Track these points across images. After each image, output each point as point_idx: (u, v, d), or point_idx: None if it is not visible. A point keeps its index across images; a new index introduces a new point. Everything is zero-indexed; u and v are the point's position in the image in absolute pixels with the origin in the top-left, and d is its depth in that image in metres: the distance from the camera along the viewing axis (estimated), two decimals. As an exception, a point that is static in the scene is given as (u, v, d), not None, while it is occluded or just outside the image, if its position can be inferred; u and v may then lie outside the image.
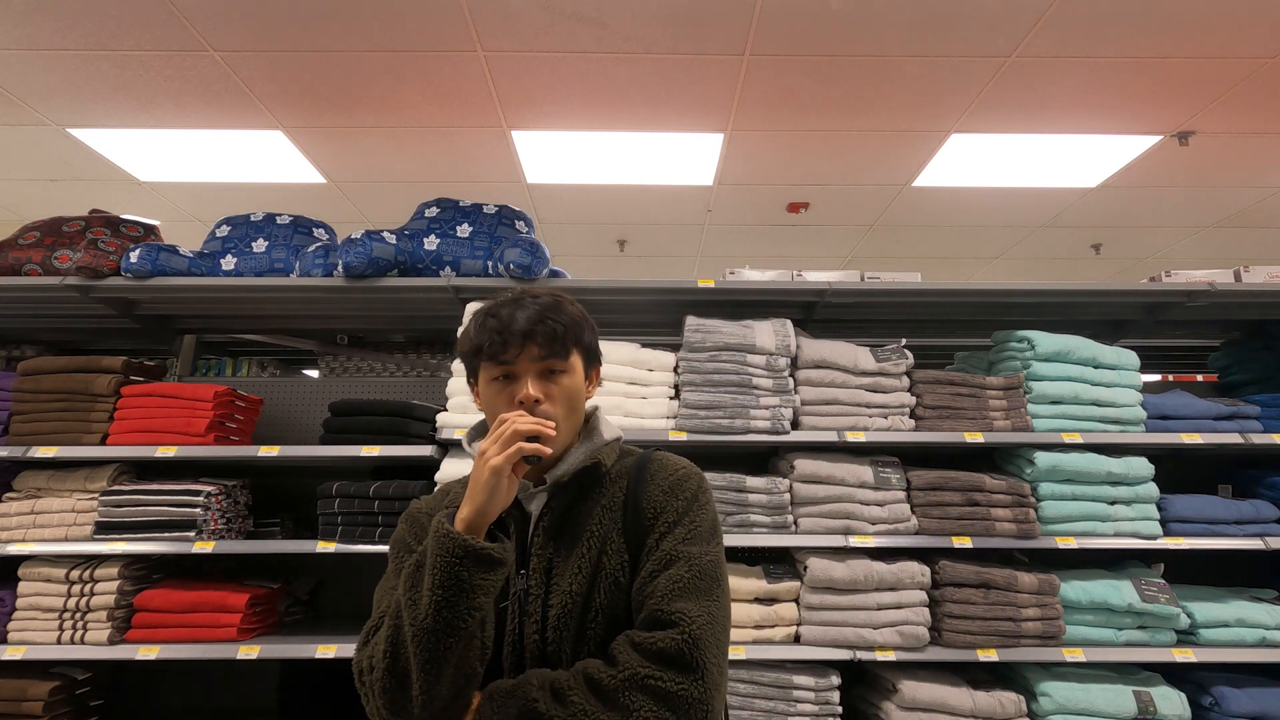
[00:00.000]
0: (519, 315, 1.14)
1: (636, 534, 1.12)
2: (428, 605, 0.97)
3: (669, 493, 1.15)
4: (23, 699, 2.27)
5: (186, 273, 2.64)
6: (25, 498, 2.49)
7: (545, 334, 1.14)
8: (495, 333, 1.14)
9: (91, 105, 4.18)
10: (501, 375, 1.15)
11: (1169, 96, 4.04)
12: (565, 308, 1.19)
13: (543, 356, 1.14)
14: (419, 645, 0.97)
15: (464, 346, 1.20)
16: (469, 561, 0.97)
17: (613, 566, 1.10)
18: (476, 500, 1.01)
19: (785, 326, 2.59)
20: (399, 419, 2.50)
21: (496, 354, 1.13)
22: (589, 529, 1.14)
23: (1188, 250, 6.37)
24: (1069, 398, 2.55)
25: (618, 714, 0.97)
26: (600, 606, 1.08)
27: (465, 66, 3.80)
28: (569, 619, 1.08)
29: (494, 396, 1.15)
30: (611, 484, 1.18)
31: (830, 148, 4.65)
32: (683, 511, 1.13)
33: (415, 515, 1.22)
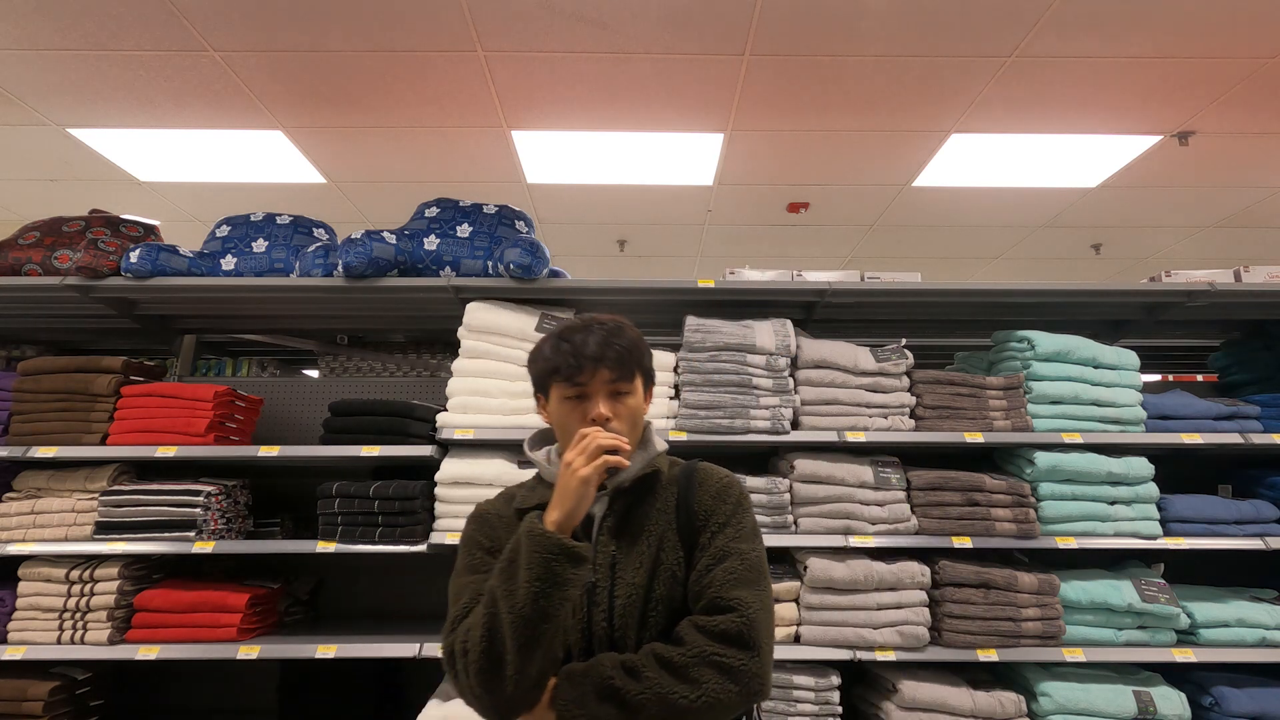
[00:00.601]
0: (591, 340, 1.28)
1: (689, 534, 1.27)
2: (525, 595, 1.10)
3: (717, 497, 1.30)
4: (23, 699, 2.27)
5: (186, 273, 2.64)
6: (25, 498, 2.49)
7: (614, 358, 1.27)
8: (570, 356, 1.26)
9: (91, 105, 4.18)
10: (575, 395, 1.28)
11: (1169, 96, 4.04)
12: (628, 333, 1.33)
13: (612, 379, 1.28)
14: (515, 630, 1.10)
15: (538, 367, 1.33)
16: (562, 558, 1.11)
17: (670, 562, 1.25)
18: (566, 505, 1.16)
19: (785, 326, 2.59)
20: (399, 419, 2.50)
21: (571, 376, 1.27)
22: (647, 529, 1.28)
23: (1188, 250, 6.37)
24: (1069, 398, 2.55)
25: (688, 686, 1.11)
26: (660, 597, 1.23)
27: (465, 66, 3.80)
28: (633, 608, 1.22)
29: (567, 414, 1.28)
30: (664, 489, 1.33)
31: (830, 148, 4.65)
32: (730, 514, 1.28)
33: (485, 515, 1.35)
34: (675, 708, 1.10)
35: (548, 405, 1.34)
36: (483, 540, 1.30)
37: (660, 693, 1.11)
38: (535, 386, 1.36)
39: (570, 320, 1.36)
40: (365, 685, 2.64)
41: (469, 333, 2.54)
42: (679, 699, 1.10)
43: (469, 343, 2.54)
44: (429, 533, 2.39)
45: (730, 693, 1.12)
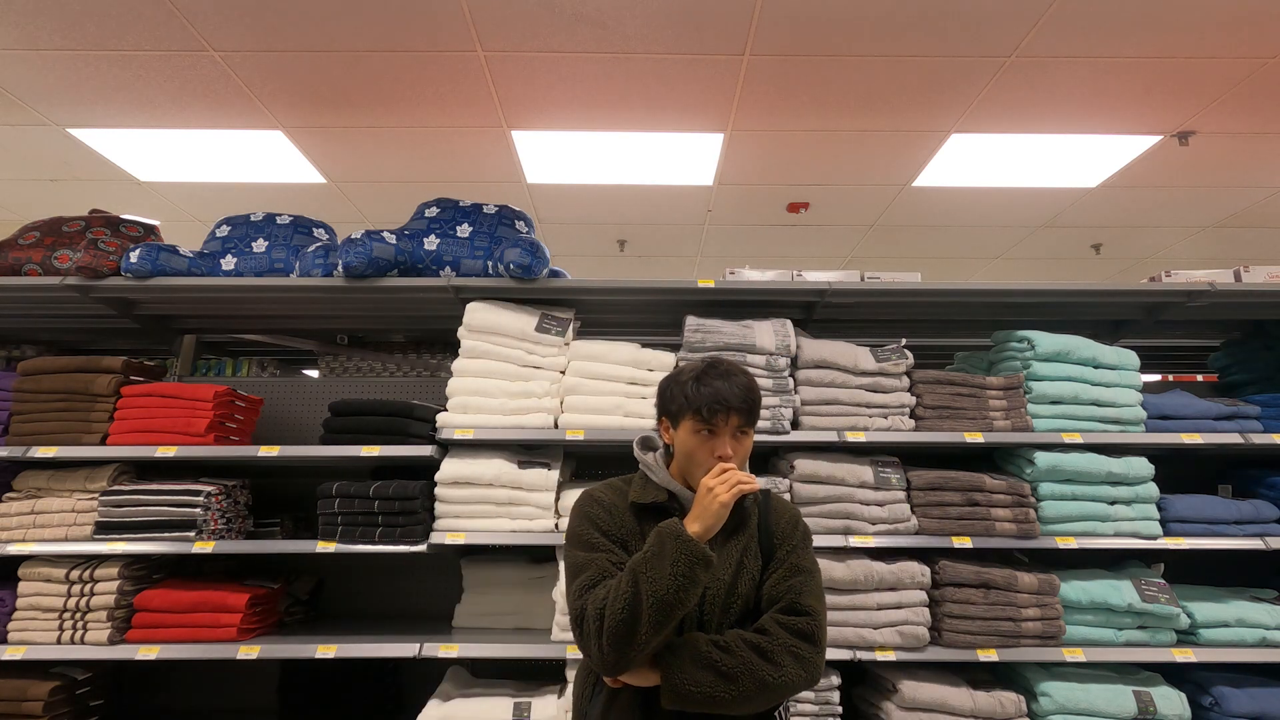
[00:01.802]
0: (732, 391, 1.52)
1: (768, 549, 1.56)
2: (669, 585, 1.36)
3: (790, 525, 1.61)
4: (23, 699, 2.27)
5: (186, 273, 2.64)
6: (25, 498, 2.49)
7: (747, 409, 1.54)
8: (713, 401, 1.51)
9: (91, 105, 4.18)
10: (706, 430, 1.52)
11: (1169, 96, 4.04)
12: (755, 386, 1.58)
13: (741, 425, 1.54)
14: (654, 610, 1.36)
15: (677, 402, 1.56)
16: (702, 563, 1.39)
17: (751, 568, 1.53)
18: (707, 522, 1.44)
19: (785, 326, 2.59)
20: (399, 419, 2.50)
21: (710, 417, 1.51)
22: (735, 538, 1.55)
23: (1188, 250, 6.37)
24: (1069, 398, 2.55)
25: (773, 666, 1.41)
26: (740, 594, 1.51)
27: (465, 66, 3.80)
28: (719, 598, 1.49)
29: (696, 445, 1.53)
30: (748, 510, 1.59)
31: (830, 148, 4.65)
32: (800, 540, 1.58)
33: (600, 500, 1.59)
34: (763, 681, 1.39)
35: (674, 432, 1.59)
36: (600, 523, 1.55)
37: (751, 668, 1.39)
38: (664, 412, 1.62)
39: (704, 362, 1.60)
40: (365, 685, 2.64)
41: (469, 333, 2.54)
42: (766, 675, 1.39)
43: (469, 343, 2.54)
44: (429, 533, 2.39)
45: (800, 677, 1.42)
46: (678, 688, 1.39)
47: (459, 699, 2.28)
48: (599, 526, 1.54)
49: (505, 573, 2.63)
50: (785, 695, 1.45)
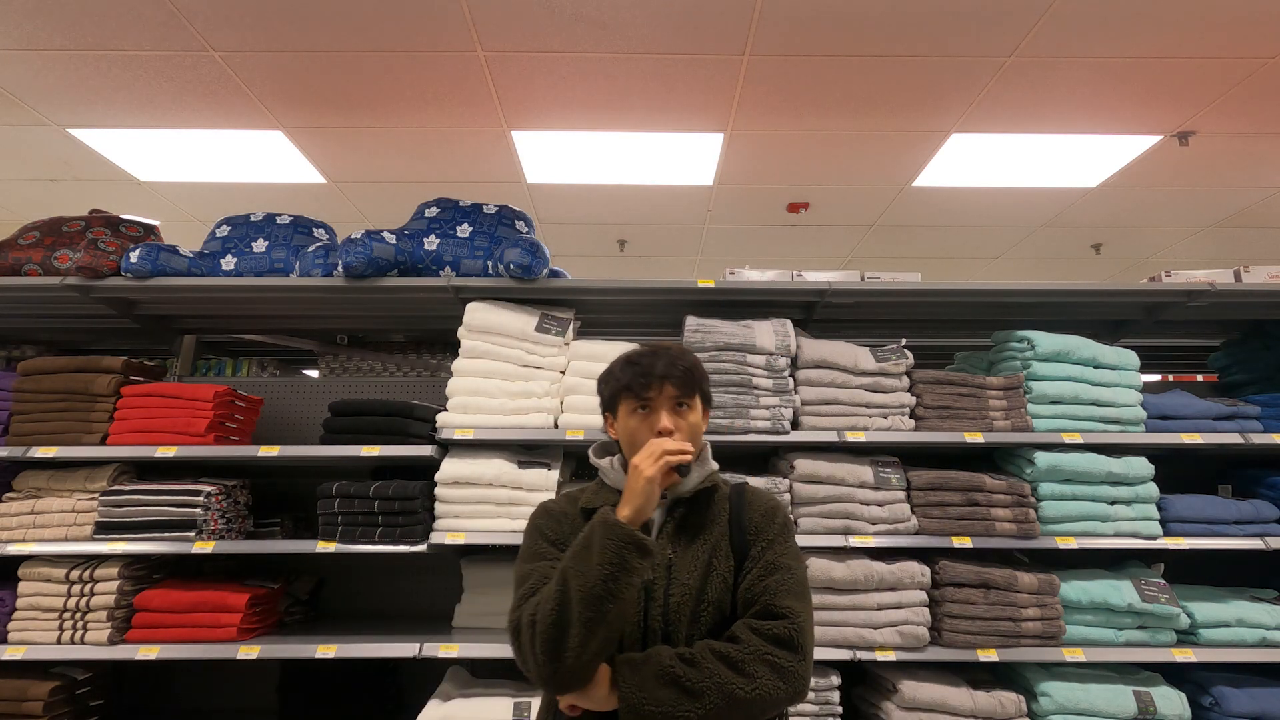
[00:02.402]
0: (658, 362, 1.43)
1: (741, 546, 1.42)
2: (597, 576, 1.22)
3: (766, 516, 1.45)
4: (23, 699, 2.27)
5: (186, 273, 2.64)
6: (25, 498, 2.49)
7: (679, 377, 1.44)
8: (639, 375, 1.43)
9: (91, 105, 4.18)
10: (640, 408, 1.44)
11: (1169, 96, 4.04)
12: (690, 357, 1.49)
13: (676, 395, 1.43)
14: (584, 605, 1.22)
15: (609, 387, 1.49)
16: (632, 547, 1.25)
17: (722, 569, 1.39)
18: (635, 502, 1.30)
19: (785, 326, 2.59)
20: (399, 419, 2.50)
21: (640, 391, 1.43)
22: (702, 537, 1.42)
23: (1188, 250, 6.37)
24: (1069, 398, 2.55)
25: (745, 679, 1.24)
26: (711, 600, 1.36)
27: (465, 66, 3.80)
28: (684, 607, 1.35)
29: (635, 427, 1.44)
30: (718, 504, 1.48)
31: (830, 148, 4.65)
32: (778, 533, 1.43)
33: (551, 511, 1.49)
34: (732, 697, 1.22)
35: (615, 423, 1.50)
36: (548, 532, 1.44)
37: (719, 682, 1.23)
38: (604, 406, 1.53)
39: (638, 347, 1.53)
40: (365, 685, 2.64)
41: (469, 333, 2.54)
42: (736, 689, 1.23)
43: (469, 343, 2.54)
44: (429, 533, 2.39)
45: (779, 689, 1.25)
46: (636, 707, 1.23)
47: (459, 699, 2.28)
48: (546, 536, 1.43)
49: (505, 573, 2.63)
50: (764, 711, 1.26)
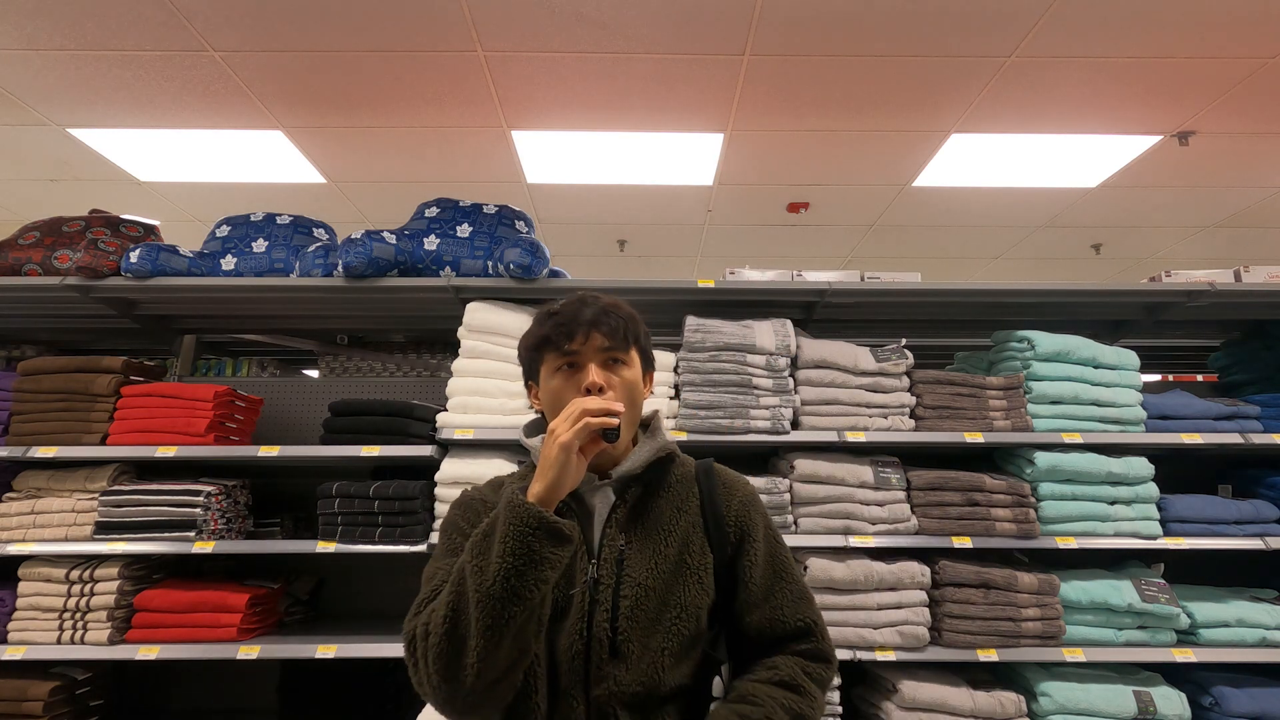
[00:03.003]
0: (583, 310, 1.21)
1: (720, 542, 1.22)
2: (496, 571, 0.99)
3: (747, 505, 1.26)
4: (23, 699, 2.27)
5: (186, 273, 2.64)
6: (25, 498, 2.49)
7: (609, 325, 1.20)
8: (561, 325, 1.19)
9: (91, 105, 4.18)
10: (566, 364, 1.20)
11: (1169, 96, 4.04)
12: (623, 306, 1.26)
13: (606, 347, 1.19)
14: (482, 610, 0.98)
15: (527, 344, 1.25)
16: (541, 533, 1.00)
17: (696, 566, 1.19)
18: (548, 476, 1.05)
19: (785, 326, 2.59)
20: (399, 419, 2.50)
21: (562, 343, 1.19)
22: (664, 526, 1.20)
23: (1188, 250, 6.37)
24: (1069, 398, 2.55)
25: (807, 700, 1.16)
26: (683, 605, 1.15)
27: (465, 66, 3.80)
28: (641, 611, 1.13)
29: (559, 387, 1.20)
30: (681, 485, 1.25)
31: (830, 148, 4.65)
32: (764, 524, 1.27)
33: (468, 501, 1.25)
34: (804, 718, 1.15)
35: (539, 390, 1.24)
36: (464, 525, 1.19)
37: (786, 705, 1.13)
38: (525, 373, 1.28)
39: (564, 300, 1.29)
40: (365, 685, 2.64)
41: (469, 333, 2.54)
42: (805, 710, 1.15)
43: (469, 343, 2.54)
44: (429, 533, 2.39)
45: (821, 701, 1.21)
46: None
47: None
48: (462, 530, 1.18)
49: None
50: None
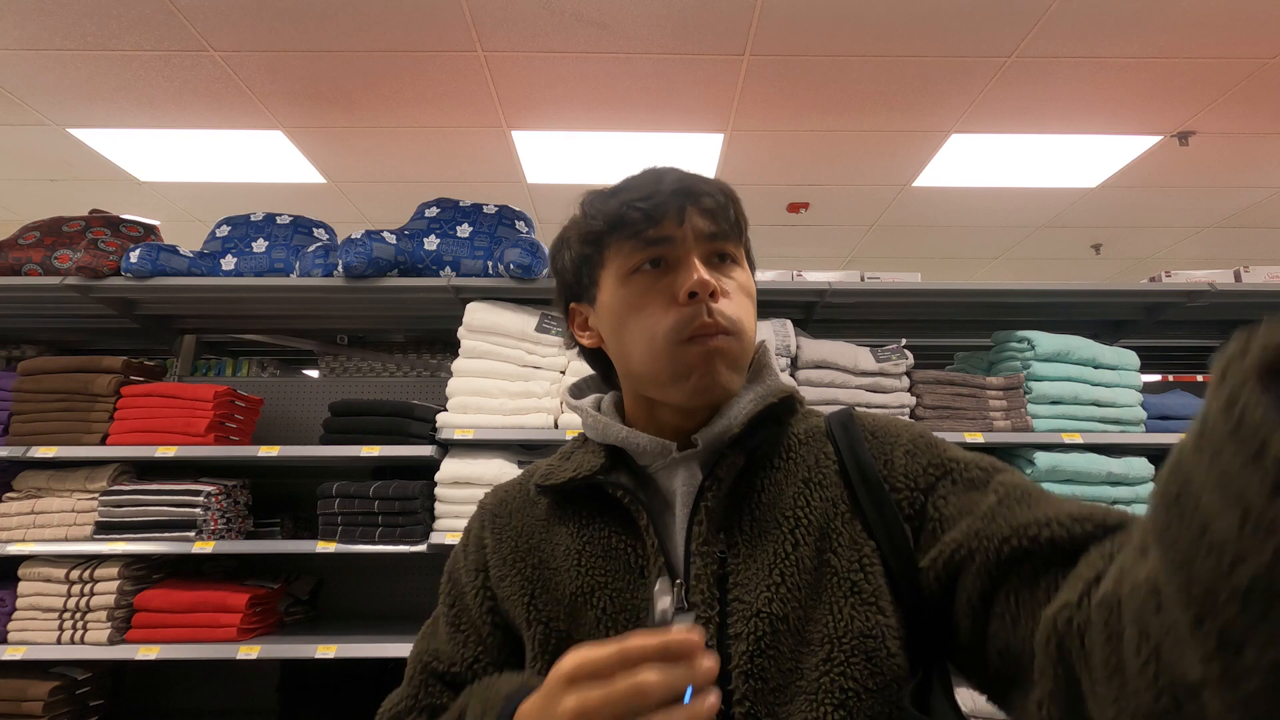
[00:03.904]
0: (667, 177, 0.77)
1: (886, 519, 0.71)
2: None
3: (921, 449, 0.75)
4: (23, 699, 2.27)
5: (186, 273, 2.64)
6: (25, 498, 2.49)
7: (713, 200, 0.76)
8: (642, 198, 0.75)
9: (91, 105, 4.18)
10: (648, 261, 0.75)
11: (1169, 96, 4.04)
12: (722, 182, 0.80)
13: (711, 233, 0.76)
14: None
15: (578, 235, 0.80)
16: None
17: (846, 567, 0.70)
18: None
19: (785, 326, 2.59)
20: (399, 419, 2.50)
21: (644, 225, 0.74)
22: (787, 513, 0.74)
23: (1188, 250, 6.37)
24: (1069, 398, 2.55)
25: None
26: (839, 633, 0.67)
27: (465, 66, 3.80)
28: (767, 657, 0.67)
29: (638, 295, 0.75)
30: (805, 449, 0.78)
31: (830, 148, 4.65)
32: (960, 461, 0.74)
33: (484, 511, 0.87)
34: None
35: (593, 311, 0.82)
36: (460, 563, 0.85)
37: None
38: (568, 291, 0.84)
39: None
40: (365, 685, 2.64)
41: (469, 333, 2.54)
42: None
43: (469, 343, 2.54)
44: (429, 533, 2.39)
45: None
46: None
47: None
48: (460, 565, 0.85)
49: (505, 573, 2.63)
50: None
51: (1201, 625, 0.38)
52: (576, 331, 0.85)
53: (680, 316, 0.73)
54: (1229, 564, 0.36)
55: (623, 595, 0.73)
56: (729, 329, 0.74)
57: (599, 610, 0.73)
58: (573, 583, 0.75)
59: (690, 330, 0.73)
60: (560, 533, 0.79)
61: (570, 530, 0.78)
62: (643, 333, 0.75)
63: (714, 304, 0.73)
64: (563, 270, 0.84)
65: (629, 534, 0.76)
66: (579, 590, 0.75)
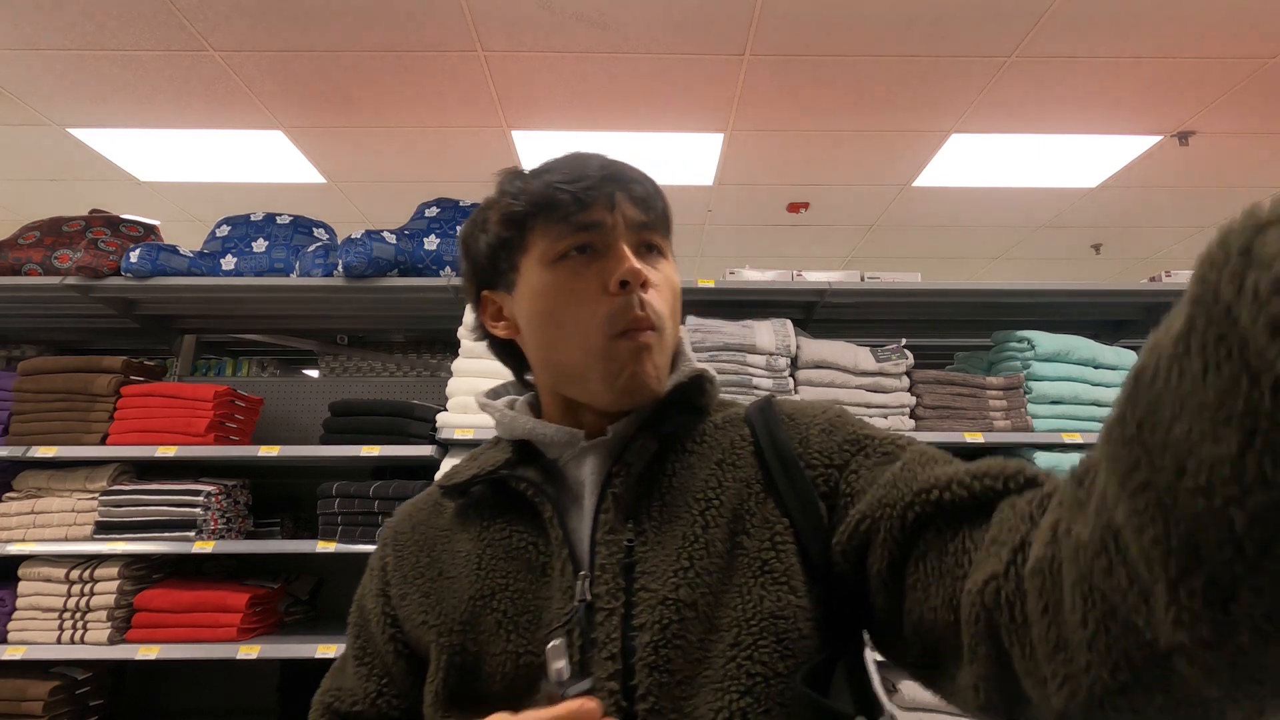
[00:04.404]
0: (593, 160, 0.76)
1: (800, 496, 0.69)
2: None
3: (837, 426, 0.73)
4: (23, 699, 2.27)
5: (186, 273, 2.64)
6: (25, 497, 2.49)
7: (643, 189, 0.75)
8: (566, 181, 0.72)
9: (91, 105, 4.18)
10: (574, 247, 0.71)
11: (1169, 96, 4.04)
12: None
13: (642, 223, 0.74)
14: None
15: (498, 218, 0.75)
16: None
17: (757, 546, 0.67)
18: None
19: (785, 326, 2.59)
20: (399, 419, 2.50)
21: (572, 209, 0.71)
22: (698, 495, 0.70)
23: (1188, 250, 6.36)
24: (1069, 398, 2.55)
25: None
26: (749, 616, 0.64)
27: (465, 66, 3.80)
28: (674, 646, 0.64)
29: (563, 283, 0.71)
30: (720, 433, 0.76)
31: (830, 148, 4.65)
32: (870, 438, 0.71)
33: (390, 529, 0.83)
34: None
35: (513, 297, 0.76)
36: (368, 588, 0.81)
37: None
38: (481, 276, 0.79)
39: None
40: (365, 685, 2.64)
41: (469, 333, 2.54)
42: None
43: (469, 343, 2.54)
44: (429, 533, 2.39)
45: None
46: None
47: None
48: (367, 591, 0.81)
49: (505, 573, 2.63)
50: None
51: (1184, 580, 0.32)
52: (488, 321, 0.81)
53: (612, 308, 0.70)
54: (1223, 501, 0.30)
55: (524, 596, 0.70)
56: (655, 324, 0.71)
57: (499, 614, 0.69)
58: (471, 587, 0.71)
59: (623, 323, 0.70)
60: (462, 539, 0.75)
61: (471, 535, 0.75)
62: (573, 323, 0.71)
63: (644, 295, 0.71)
64: (476, 255, 0.79)
65: (532, 531, 0.72)
66: (477, 594, 0.71)
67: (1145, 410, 0.34)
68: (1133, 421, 0.35)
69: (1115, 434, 0.36)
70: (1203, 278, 0.31)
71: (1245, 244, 0.29)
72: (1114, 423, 0.37)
